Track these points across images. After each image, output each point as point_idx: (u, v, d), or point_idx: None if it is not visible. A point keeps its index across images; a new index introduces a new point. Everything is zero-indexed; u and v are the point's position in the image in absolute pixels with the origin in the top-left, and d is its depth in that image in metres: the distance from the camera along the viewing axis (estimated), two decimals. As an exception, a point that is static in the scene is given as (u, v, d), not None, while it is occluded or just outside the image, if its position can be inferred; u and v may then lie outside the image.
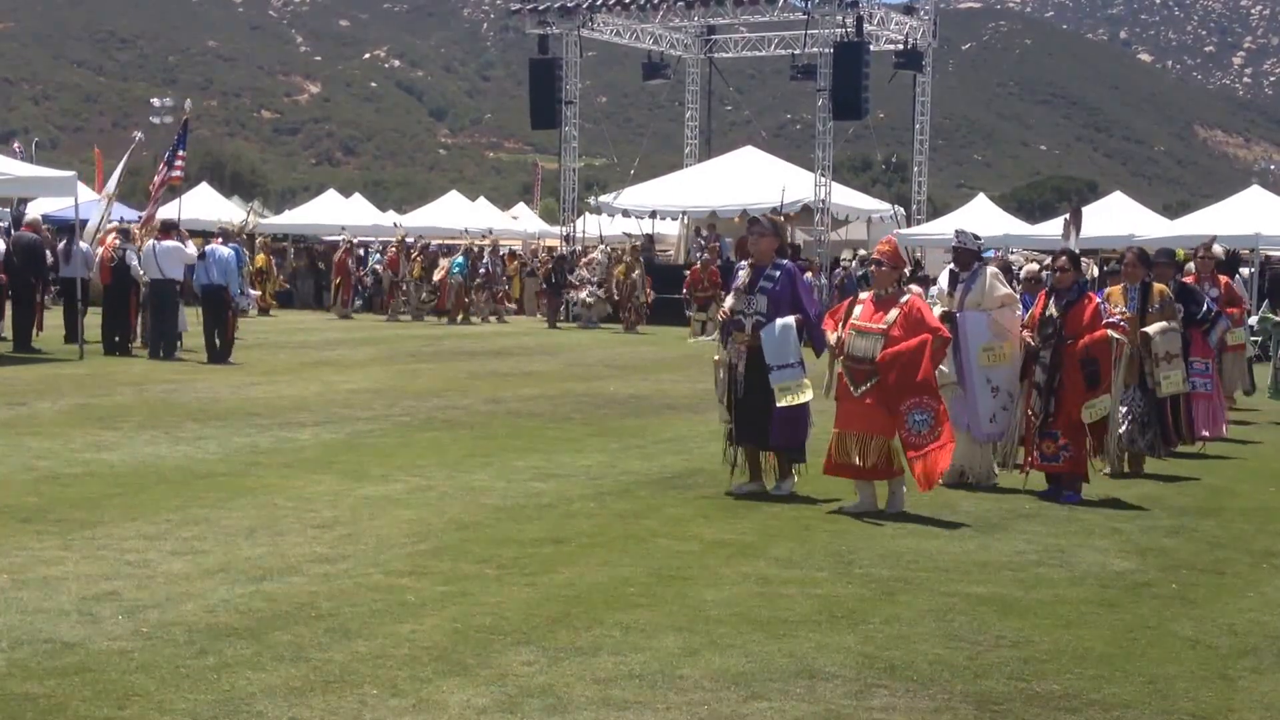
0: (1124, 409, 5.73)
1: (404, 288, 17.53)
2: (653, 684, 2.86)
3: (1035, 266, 6.44)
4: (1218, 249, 7.46)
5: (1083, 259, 9.47)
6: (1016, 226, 19.89)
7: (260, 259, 17.82)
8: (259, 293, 17.52)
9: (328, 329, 15.13)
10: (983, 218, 19.29)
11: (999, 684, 2.95)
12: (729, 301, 5.17)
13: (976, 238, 5.72)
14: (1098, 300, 5.29)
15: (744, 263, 5.27)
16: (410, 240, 18.31)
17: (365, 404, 7.79)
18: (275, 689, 2.75)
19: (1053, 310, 5.22)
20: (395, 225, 20.18)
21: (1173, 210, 31.37)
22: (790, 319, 4.93)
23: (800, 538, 4.37)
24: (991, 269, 5.60)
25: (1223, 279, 7.59)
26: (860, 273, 16.38)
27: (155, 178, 12.10)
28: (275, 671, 2.85)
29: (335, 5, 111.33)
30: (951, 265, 5.66)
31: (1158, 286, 6.10)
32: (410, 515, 4.55)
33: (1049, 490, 5.23)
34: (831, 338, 4.87)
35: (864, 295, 4.97)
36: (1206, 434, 6.69)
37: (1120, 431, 5.62)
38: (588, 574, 3.81)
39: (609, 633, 3.22)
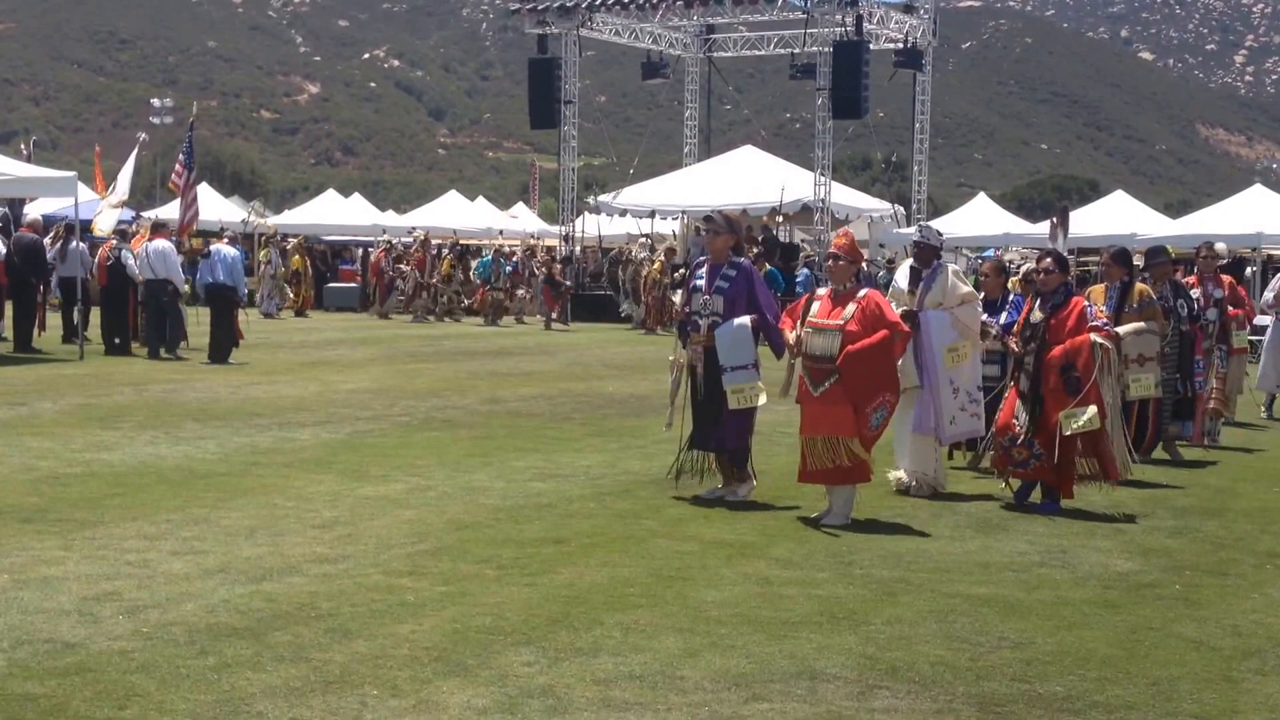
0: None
1: (433, 288, 17.46)
2: (653, 685, 2.85)
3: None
4: (1220, 247, 7.26)
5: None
6: (1017, 225, 19.88)
7: (296, 261, 17.66)
8: (293, 295, 17.49)
9: (327, 328, 15.11)
10: (983, 217, 19.30)
11: (1001, 685, 2.94)
12: (679, 300, 5.02)
13: (939, 234, 5.53)
14: (1084, 304, 5.02)
15: (702, 258, 5.07)
16: (441, 242, 18.27)
17: (365, 404, 7.78)
18: (275, 689, 2.74)
19: (1038, 314, 5.00)
20: (414, 229, 20.10)
21: (1174, 209, 31.34)
22: (745, 319, 4.76)
23: (800, 538, 4.37)
24: (953, 266, 5.37)
25: (1226, 279, 7.34)
26: (879, 272, 16.25)
27: (176, 180, 11.98)
28: (275, 672, 2.85)
29: (334, 5, 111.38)
30: (911, 262, 5.43)
31: (1139, 287, 5.89)
32: (410, 515, 4.54)
33: (1015, 495, 5.02)
34: (790, 336, 4.67)
35: (821, 291, 4.79)
36: (1207, 442, 6.50)
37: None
38: (588, 574, 3.80)
39: (609, 633, 3.21)
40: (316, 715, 2.62)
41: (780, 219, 18.36)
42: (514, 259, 17.99)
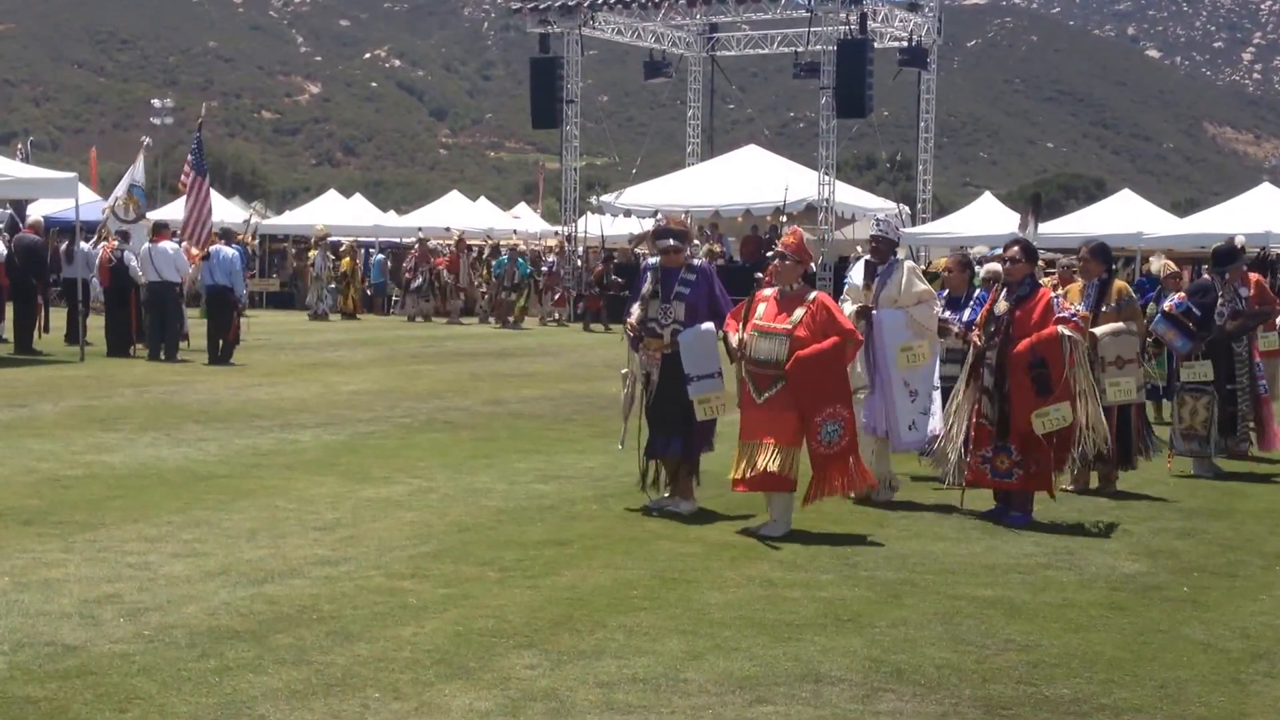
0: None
1: (466, 290, 17.28)
2: (656, 688, 2.84)
3: (997, 266, 5.52)
4: (1240, 239, 6.84)
5: (1155, 258, 8.62)
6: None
7: (345, 262, 17.57)
8: (341, 297, 17.37)
9: (327, 330, 15.11)
10: (989, 216, 19.24)
11: (1007, 688, 2.92)
12: (635, 312, 4.68)
13: (899, 229, 5.25)
14: (1051, 295, 4.72)
15: (652, 261, 4.74)
16: (480, 244, 18.09)
17: (366, 405, 7.77)
18: (277, 692, 2.73)
19: (1003, 305, 4.69)
20: (448, 229, 19.96)
21: (1182, 208, 31.13)
22: (710, 325, 4.56)
23: (804, 539, 4.34)
24: (909, 263, 5.12)
25: (1254, 277, 6.82)
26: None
27: (186, 180, 11.95)
28: (277, 674, 2.84)
29: (335, 5, 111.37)
30: (867, 257, 5.17)
31: (1118, 284, 5.51)
32: (412, 517, 4.53)
33: (994, 510, 4.72)
34: (734, 339, 4.40)
35: (767, 292, 4.48)
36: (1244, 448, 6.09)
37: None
38: (590, 576, 3.79)
39: (612, 636, 3.20)
40: (318, 718, 2.61)
41: (784, 219, 18.33)
42: (549, 259, 17.87)
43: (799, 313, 4.35)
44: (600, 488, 5.21)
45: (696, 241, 15.97)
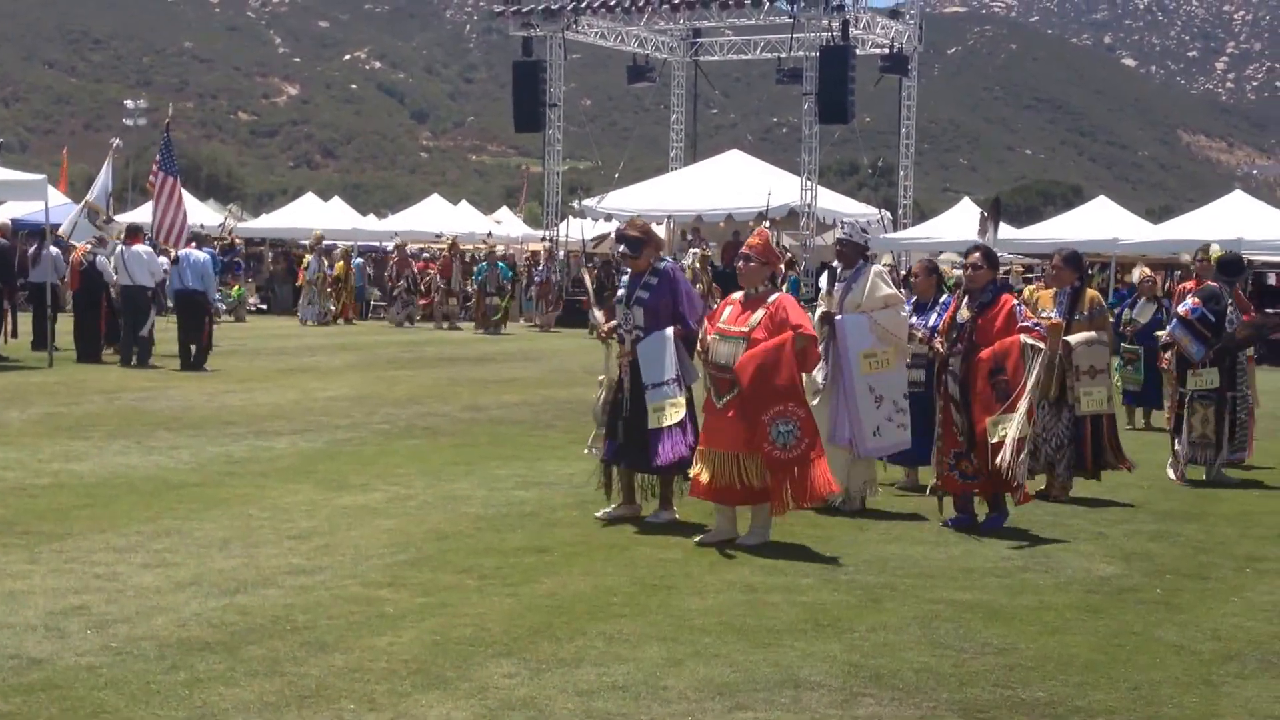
0: (1039, 427, 4.95)
1: (457, 294, 17.11)
2: (636, 695, 2.83)
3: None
4: (1215, 248, 6.83)
5: (1137, 268, 8.55)
6: (1001, 230, 19.93)
7: (340, 267, 17.41)
8: (334, 303, 17.10)
9: (305, 335, 14.98)
10: (967, 222, 19.43)
11: (984, 691, 2.94)
12: (598, 316, 4.65)
13: (864, 232, 5.16)
14: (1014, 302, 4.66)
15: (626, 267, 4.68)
16: (470, 247, 18.05)
17: (344, 411, 7.69)
18: (249, 704, 2.69)
19: (965, 312, 4.65)
20: (440, 234, 19.74)
21: (1156, 215, 31.59)
22: (668, 331, 4.42)
23: (784, 544, 4.34)
24: (876, 267, 4.99)
25: None
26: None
27: (155, 181, 11.76)
28: (249, 686, 2.79)
29: (314, 5, 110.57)
30: (834, 262, 5.12)
31: (1090, 293, 5.45)
32: (389, 525, 4.49)
33: (960, 518, 4.66)
34: (699, 344, 4.32)
35: (735, 295, 4.37)
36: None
37: (1037, 452, 4.91)
38: (570, 583, 3.77)
39: (592, 643, 3.18)
40: (290, 732, 2.57)
41: (767, 224, 18.39)
42: (539, 268, 17.75)
43: (759, 315, 4.24)
44: (580, 494, 5.18)
45: (695, 249, 15.99)
